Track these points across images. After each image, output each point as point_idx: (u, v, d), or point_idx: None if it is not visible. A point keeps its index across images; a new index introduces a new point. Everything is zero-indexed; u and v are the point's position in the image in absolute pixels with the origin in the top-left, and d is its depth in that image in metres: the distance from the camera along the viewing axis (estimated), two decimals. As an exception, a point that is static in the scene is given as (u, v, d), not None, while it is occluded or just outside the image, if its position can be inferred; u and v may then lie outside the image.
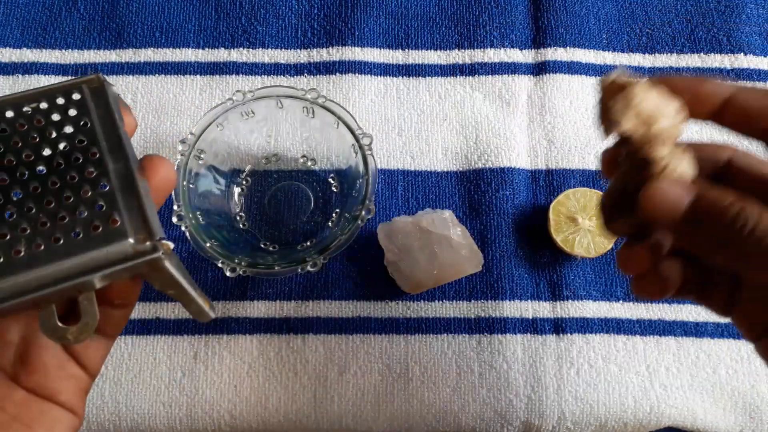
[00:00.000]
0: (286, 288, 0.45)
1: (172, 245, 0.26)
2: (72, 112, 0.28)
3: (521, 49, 0.51)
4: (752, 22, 0.53)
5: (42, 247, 0.24)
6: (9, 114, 0.27)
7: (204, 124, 0.43)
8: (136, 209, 0.26)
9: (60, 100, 0.28)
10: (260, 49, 0.51)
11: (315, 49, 0.51)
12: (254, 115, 0.44)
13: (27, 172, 0.26)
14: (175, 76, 0.50)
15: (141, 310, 0.44)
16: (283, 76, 0.50)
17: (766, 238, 0.23)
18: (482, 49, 0.51)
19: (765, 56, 0.52)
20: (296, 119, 0.46)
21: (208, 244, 0.40)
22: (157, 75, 0.50)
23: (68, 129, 0.27)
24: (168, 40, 0.51)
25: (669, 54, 0.52)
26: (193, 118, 0.49)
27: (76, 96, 0.28)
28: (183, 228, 0.40)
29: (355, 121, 0.42)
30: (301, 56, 0.51)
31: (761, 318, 0.29)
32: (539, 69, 0.51)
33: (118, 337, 0.44)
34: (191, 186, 0.42)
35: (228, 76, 0.50)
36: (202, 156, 0.43)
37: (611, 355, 0.44)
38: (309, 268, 0.39)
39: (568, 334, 0.44)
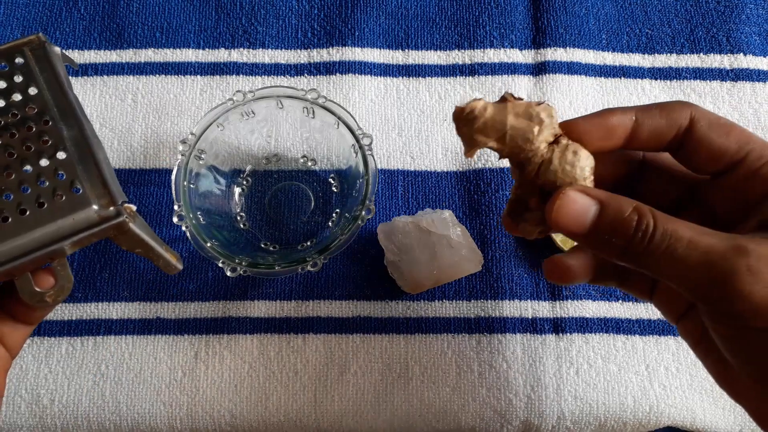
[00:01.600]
0: (286, 288, 0.45)
1: (134, 207, 0.27)
2: (18, 79, 0.28)
3: (521, 50, 0.51)
4: (752, 22, 0.53)
5: (10, 220, 0.25)
6: None
7: (204, 125, 0.43)
8: (96, 175, 0.26)
9: (3, 65, 0.28)
10: (260, 49, 0.51)
11: (315, 50, 0.51)
12: (254, 116, 0.44)
13: None
14: (176, 76, 0.50)
15: (142, 310, 0.44)
16: (284, 76, 0.50)
17: (662, 245, 0.25)
18: (482, 50, 0.51)
19: (764, 56, 0.52)
20: (296, 119, 0.46)
21: (208, 244, 0.40)
22: (157, 75, 0.50)
23: (17, 96, 0.28)
24: (168, 41, 0.51)
25: (668, 54, 0.52)
26: (194, 118, 0.49)
27: (19, 60, 0.28)
28: (183, 228, 0.40)
29: (355, 121, 0.42)
30: (301, 56, 0.51)
31: (676, 304, 0.32)
32: (539, 69, 0.51)
33: (119, 337, 0.44)
34: (192, 186, 0.42)
35: (228, 76, 0.50)
36: (202, 156, 0.43)
37: (611, 354, 0.44)
38: (309, 268, 0.40)
39: (568, 334, 0.44)
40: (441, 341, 0.44)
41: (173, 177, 0.41)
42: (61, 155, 0.27)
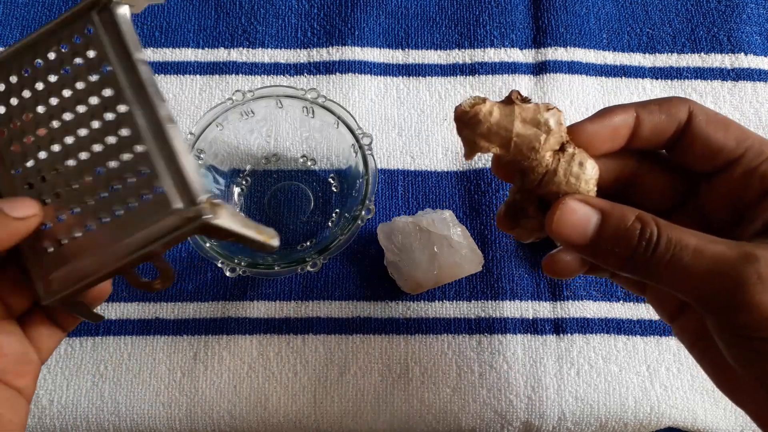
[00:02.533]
0: (286, 288, 0.45)
1: (219, 200, 0.26)
2: (91, 54, 0.26)
3: (521, 49, 0.51)
4: (753, 21, 0.53)
5: (108, 221, 0.25)
6: (39, 63, 0.27)
7: (204, 124, 0.43)
8: (175, 170, 0.25)
9: (77, 39, 0.26)
10: (260, 48, 0.51)
11: (315, 49, 0.51)
12: (254, 115, 0.44)
13: (74, 138, 0.26)
14: (175, 75, 0.50)
15: (141, 310, 0.44)
16: (283, 75, 0.50)
17: (666, 255, 0.24)
18: (482, 49, 0.51)
19: (765, 56, 0.52)
20: (296, 119, 0.46)
21: (207, 244, 0.40)
22: (156, 75, 0.50)
23: (93, 77, 0.26)
24: (167, 40, 0.51)
25: (669, 54, 0.52)
26: (193, 117, 0.49)
27: (89, 29, 0.26)
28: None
29: (355, 121, 0.42)
30: (300, 56, 0.51)
31: (669, 301, 0.31)
32: (539, 69, 0.51)
33: (118, 338, 0.44)
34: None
35: (228, 75, 0.50)
36: (201, 156, 0.43)
37: (611, 355, 0.44)
38: (309, 268, 0.39)
39: (569, 335, 0.44)
40: (441, 342, 0.44)
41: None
42: (139, 148, 0.25)
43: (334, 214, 0.46)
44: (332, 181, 0.47)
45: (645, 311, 0.45)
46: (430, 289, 0.45)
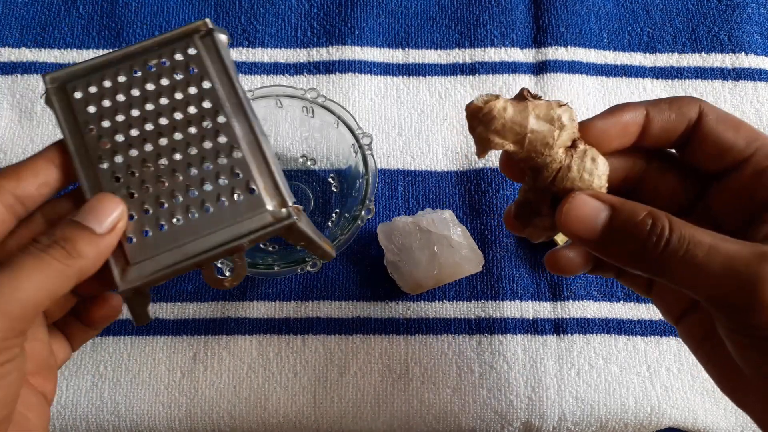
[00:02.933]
0: (285, 288, 0.45)
1: (301, 207, 0.29)
2: (193, 71, 0.29)
3: (522, 49, 0.51)
4: (753, 21, 0.53)
5: (197, 215, 0.28)
6: (136, 74, 0.29)
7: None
8: (268, 175, 0.28)
9: (178, 56, 0.29)
10: (259, 48, 0.51)
11: (315, 49, 0.51)
12: (254, 115, 0.44)
13: (167, 140, 0.28)
14: (175, 75, 0.50)
15: (140, 311, 0.44)
16: (283, 75, 0.50)
17: (679, 251, 0.24)
18: (483, 49, 0.51)
19: (766, 56, 0.52)
20: (296, 119, 0.46)
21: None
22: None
23: (192, 90, 0.29)
24: (167, 40, 0.51)
25: (670, 53, 0.52)
26: (193, 117, 0.48)
27: (191, 51, 0.29)
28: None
29: (355, 121, 0.42)
30: (300, 55, 0.51)
31: (675, 302, 0.31)
32: (540, 68, 0.51)
33: (117, 338, 0.43)
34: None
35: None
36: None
37: (612, 355, 0.44)
38: (309, 268, 0.39)
39: (569, 335, 0.44)
40: (441, 342, 0.44)
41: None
42: (236, 154, 0.28)
43: (334, 214, 0.46)
44: (332, 181, 0.47)
45: (645, 311, 0.45)
46: (430, 289, 0.45)
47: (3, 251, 0.27)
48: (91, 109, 0.29)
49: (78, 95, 0.29)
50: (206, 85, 0.29)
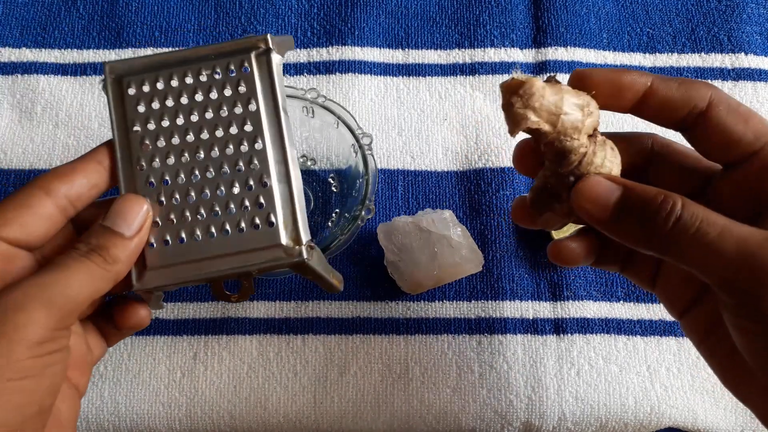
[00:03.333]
0: (285, 288, 0.45)
1: (314, 244, 0.29)
2: (242, 90, 0.29)
3: (522, 49, 0.51)
4: (753, 21, 0.53)
5: (216, 236, 0.29)
6: (188, 81, 0.30)
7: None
8: (290, 210, 0.29)
9: (232, 71, 0.30)
10: (260, 48, 0.51)
11: (315, 49, 0.51)
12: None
13: (204, 155, 0.29)
14: (175, 75, 0.50)
15: (140, 311, 0.44)
16: (283, 75, 0.50)
17: (690, 229, 0.24)
18: (482, 49, 0.51)
19: (766, 56, 0.52)
20: (296, 119, 0.46)
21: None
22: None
23: (238, 110, 0.29)
24: (167, 40, 0.51)
25: (669, 53, 0.52)
26: (193, 117, 0.48)
27: (246, 68, 0.30)
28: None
29: (355, 121, 0.42)
30: (300, 56, 0.51)
31: (680, 295, 0.30)
32: (540, 68, 0.51)
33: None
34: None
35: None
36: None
37: (612, 355, 0.44)
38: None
39: (569, 335, 0.44)
40: (441, 342, 0.44)
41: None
42: (265, 184, 0.29)
43: (333, 214, 0.46)
44: (332, 181, 0.47)
45: (645, 311, 0.45)
46: (430, 289, 0.45)
47: (39, 252, 0.28)
48: (141, 109, 0.29)
49: (131, 91, 0.30)
50: (252, 107, 0.29)
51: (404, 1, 0.52)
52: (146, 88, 0.30)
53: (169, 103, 0.30)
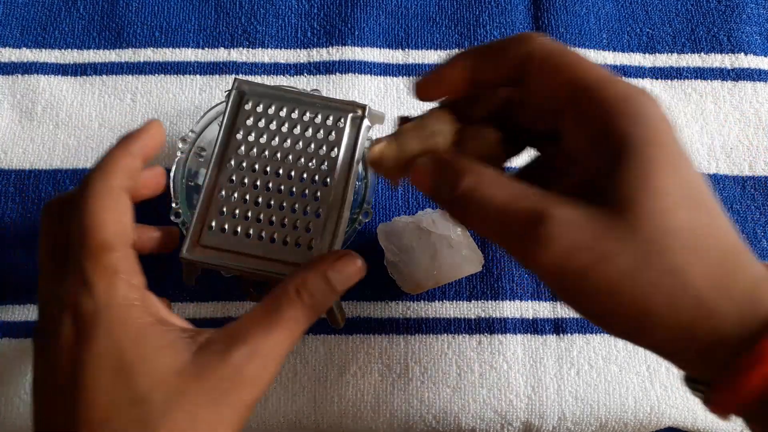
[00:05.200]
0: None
1: None
2: (331, 137, 0.35)
3: (521, 49, 0.51)
4: (753, 21, 0.53)
5: (263, 240, 0.34)
6: (294, 115, 0.35)
7: (205, 123, 0.43)
8: (329, 242, 0.34)
9: (329, 122, 0.35)
10: (260, 48, 0.51)
11: (315, 49, 0.51)
12: (254, 115, 0.45)
13: (281, 175, 0.35)
14: (175, 75, 0.50)
15: (140, 310, 0.44)
16: (283, 75, 0.50)
17: (469, 198, 0.26)
18: (482, 49, 0.51)
19: (765, 56, 0.52)
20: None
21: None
22: (156, 75, 0.50)
23: (321, 151, 0.35)
24: (167, 40, 0.51)
25: (669, 54, 0.52)
26: (193, 117, 0.49)
27: (341, 123, 0.35)
28: (181, 226, 0.40)
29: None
30: (300, 56, 0.51)
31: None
32: (539, 69, 0.51)
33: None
34: (190, 184, 0.42)
35: (228, 75, 0.50)
36: (202, 154, 0.43)
37: (612, 355, 0.44)
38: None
39: (569, 335, 0.44)
40: (441, 342, 0.44)
41: (171, 174, 0.41)
42: (319, 214, 0.34)
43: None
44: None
45: (645, 311, 0.45)
46: (430, 290, 0.45)
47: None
48: (249, 122, 0.35)
49: (247, 107, 0.35)
50: (333, 153, 0.35)
51: (404, 1, 0.53)
52: (259, 109, 0.35)
53: (272, 126, 0.35)
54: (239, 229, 0.34)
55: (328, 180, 0.34)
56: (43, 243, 0.30)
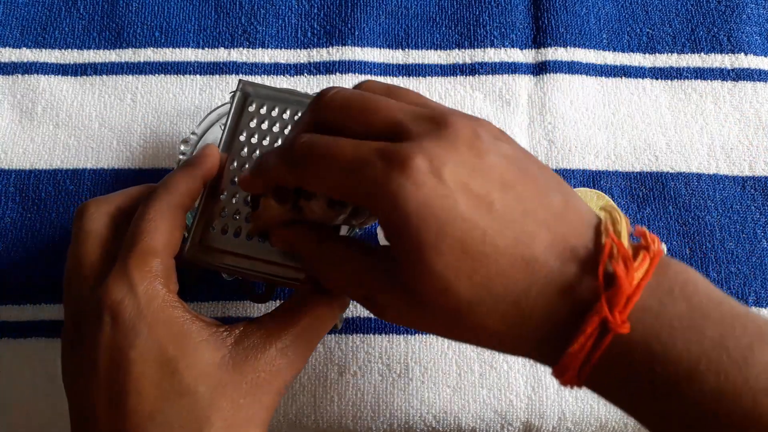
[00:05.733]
0: (286, 288, 0.45)
1: None
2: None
3: (521, 49, 0.51)
4: (753, 21, 0.53)
5: (264, 243, 0.34)
6: (296, 118, 0.35)
7: (207, 125, 0.43)
8: None
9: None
10: (260, 49, 0.51)
11: (315, 49, 0.51)
12: (254, 115, 0.45)
13: None
14: (175, 75, 0.50)
15: (140, 310, 0.44)
16: (283, 75, 0.50)
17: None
18: (482, 49, 0.51)
19: (765, 56, 0.52)
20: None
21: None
22: (156, 75, 0.50)
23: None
24: (168, 40, 0.51)
25: (669, 54, 0.52)
26: (193, 117, 0.49)
27: None
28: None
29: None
30: (301, 56, 0.51)
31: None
32: (540, 69, 0.51)
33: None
34: (191, 185, 0.42)
35: (228, 76, 0.50)
36: (201, 155, 0.43)
37: (612, 355, 0.44)
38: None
39: (569, 335, 0.44)
40: (441, 341, 0.44)
41: (172, 176, 0.41)
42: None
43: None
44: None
45: (645, 311, 0.45)
46: (430, 289, 0.45)
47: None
48: (252, 124, 0.35)
49: (251, 109, 0.35)
50: None
51: (404, 2, 0.53)
52: (263, 111, 0.35)
53: (276, 129, 0.35)
54: (241, 232, 0.34)
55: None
56: (85, 243, 0.32)
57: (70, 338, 0.31)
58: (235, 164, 0.35)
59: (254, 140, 0.35)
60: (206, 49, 0.51)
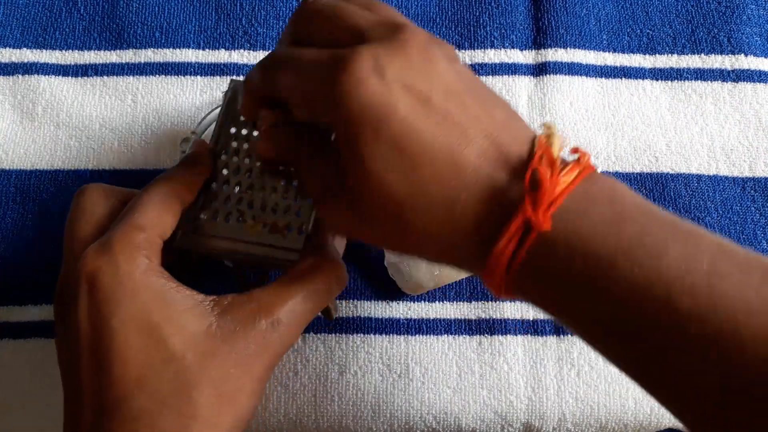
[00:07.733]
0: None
1: None
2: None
3: (521, 50, 0.51)
4: (753, 23, 0.53)
5: (254, 226, 0.35)
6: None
7: (206, 125, 0.43)
8: (317, 230, 0.35)
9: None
10: (261, 50, 0.51)
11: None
12: (254, 116, 0.45)
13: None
14: (176, 76, 0.50)
15: (141, 311, 0.44)
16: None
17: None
18: (482, 50, 0.51)
19: (766, 57, 0.52)
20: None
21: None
22: (157, 76, 0.50)
23: None
24: (168, 41, 0.51)
25: (669, 55, 0.52)
26: (193, 119, 0.49)
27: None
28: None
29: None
30: (301, 57, 0.51)
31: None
32: (539, 70, 0.51)
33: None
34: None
35: (228, 77, 0.50)
36: (202, 156, 0.43)
37: (612, 356, 0.44)
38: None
39: (569, 336, 0.44)
40: (442, 342, 0.44)
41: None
42: (309, 201, 0.35)
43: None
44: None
45: (645, 312, 0.45)
46: (431, 290, 0.45)
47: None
48: (242, 118, 0.36)
49: (238, 105, 0.36)
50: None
51: (404, 2, 0.53)
52: None
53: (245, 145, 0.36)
54: (231, 218, 0.35)
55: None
56: (80, 219, 0.32)
57: (58, 312, 0.31)
58: (224, 157, 0.36)
59: (243, 132, 0.36)
60: (207, 50, 0.51)
